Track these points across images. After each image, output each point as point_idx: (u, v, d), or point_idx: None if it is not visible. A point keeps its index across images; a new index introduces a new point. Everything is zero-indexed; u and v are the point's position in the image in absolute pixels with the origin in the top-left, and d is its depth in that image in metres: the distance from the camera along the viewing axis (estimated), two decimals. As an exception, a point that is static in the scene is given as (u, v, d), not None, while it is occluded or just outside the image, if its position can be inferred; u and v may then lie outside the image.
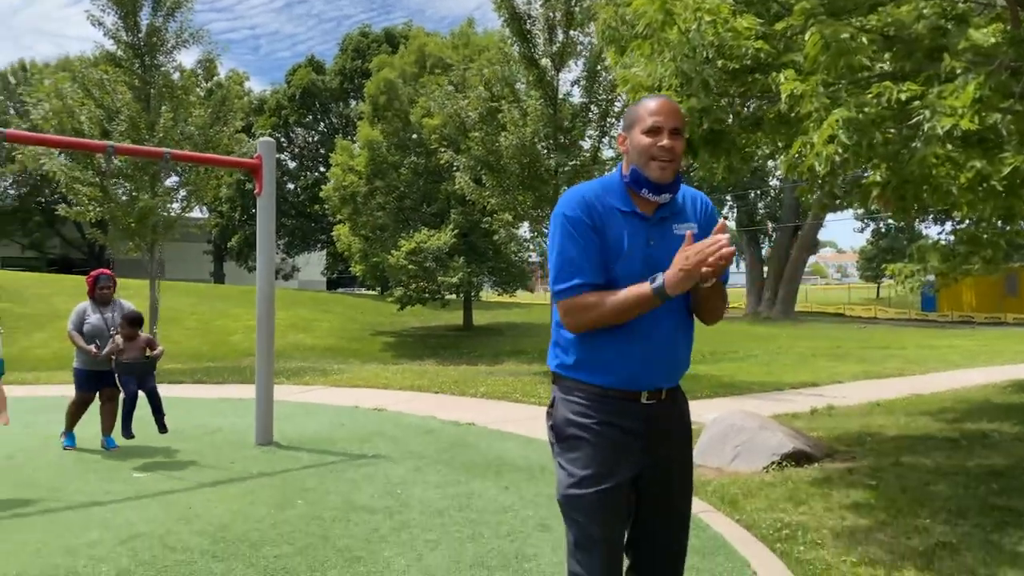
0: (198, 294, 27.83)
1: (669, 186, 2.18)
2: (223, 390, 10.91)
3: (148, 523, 4.58)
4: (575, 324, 2.20)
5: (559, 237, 2.21)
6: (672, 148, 2.14)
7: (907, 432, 7.32)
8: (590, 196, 2.21)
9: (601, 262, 2.17)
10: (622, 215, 2.19)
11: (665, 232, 2.22)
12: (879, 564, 3.86)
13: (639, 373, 2.20)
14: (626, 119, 2.28)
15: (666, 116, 2.17)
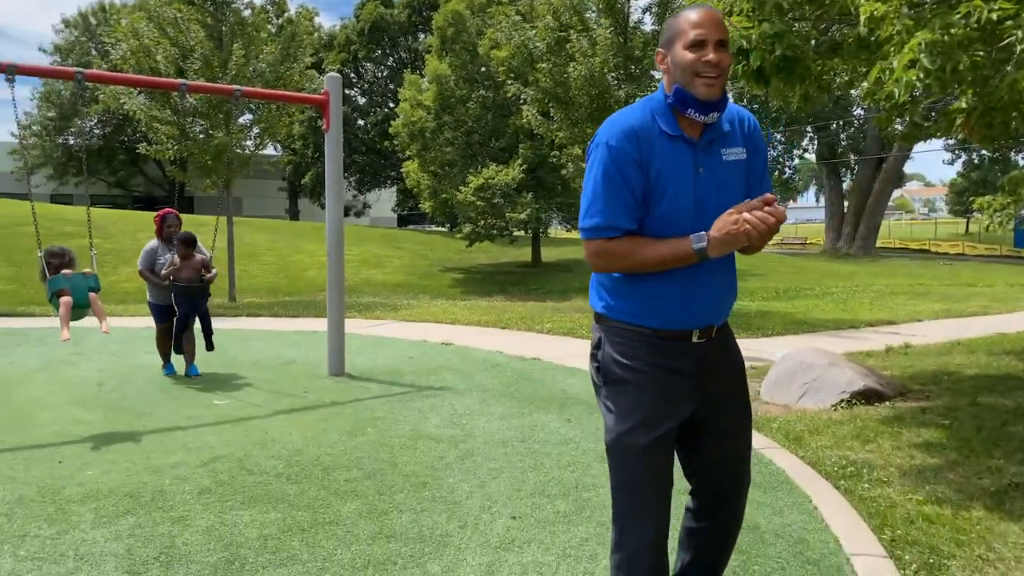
0: (275, 230, 28.56)
1: (717, 104, 2.03)
2: (298, 323, 11.28)
3: (227, 447, 4.83)
4: (601, 267, 2.13)
5: (598, 170, 2.07)
6: (719, 62, 1.99)
7: (987, 372, 7.06)
8: (636, 124, 2.06)
9: (638, 205, 2.06)
10: (669, 140, 2.05)
11: (713, 158, 2.10)
12: (946, 503, 3.79)
13: (689, 312, 2.13)
14: (665, 34, 2.10)
15: (710, 28, 2.00)
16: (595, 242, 2.08)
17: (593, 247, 2.09)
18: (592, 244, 2.09)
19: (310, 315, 12.08)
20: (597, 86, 12.21)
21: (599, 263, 2.11)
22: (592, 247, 2.09)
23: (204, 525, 3.56)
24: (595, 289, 2.26)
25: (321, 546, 3.34)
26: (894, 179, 34.79)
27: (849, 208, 35.14)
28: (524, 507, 3.80)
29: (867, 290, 17.80)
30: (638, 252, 2.03)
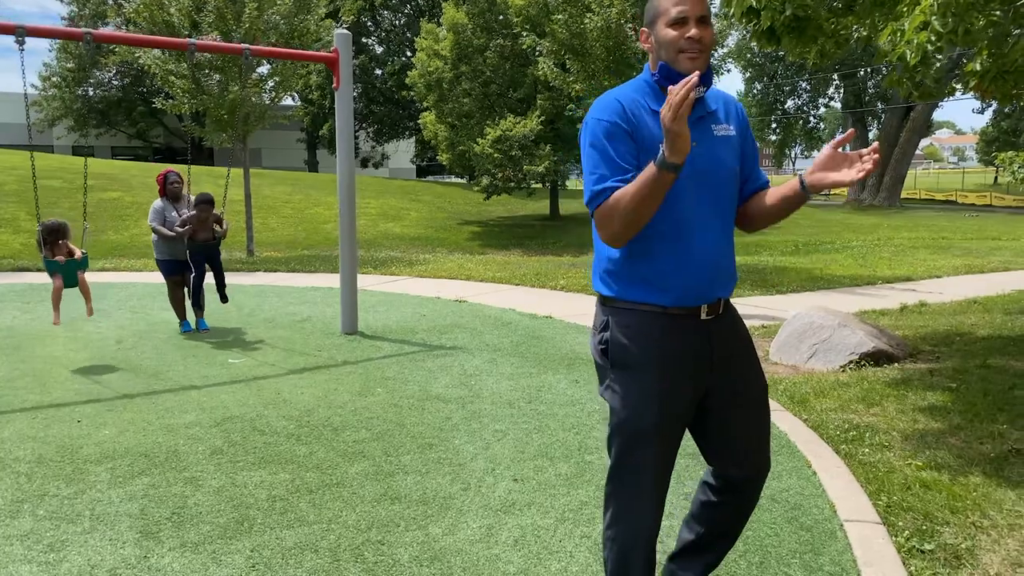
0: (293, 182, 28.61)
1: (703, 78, 2.03)
2: (314, 279, 11.38)
3: (240, 407, 4.95)
4: (609, 235, 2.06)
5: (589, 144, 2.08)
6: (701, 38, 2.01)
7: (1002, 332, 7.02)
8: (623, 99, 2.07)
9: (632, 171, 2.03)
10: (656, 115, 2.05)
11: (705, 133, 2.11)
12: (945, 468, 3.82)
13: (696, 284, 2.11)
14: (648, 13, 2.13)
15: (691, 4, 2.02)
16: (598, 209, 2.05)
17: (598, 215, 2.06)
18: (597, 212, 2.06)
19: (326, 270, 12.18)
20: (614, 37, 11.99)
21: (604, 228, 2.05)
22: (597, 215, 2.06)
23: (216, 486, 3.68)
24: (598, 273, 2.24)
25: (327, 507, 3.44)
26: (921, 128, 34.03)
27: (874, 158, 34.49)
28: (527, 470, 3.88)
29: (888, 244, 17.60)
30: (622, 198, 1.97)
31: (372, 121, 41.81)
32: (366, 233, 20.83)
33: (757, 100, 38.38)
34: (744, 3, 4.18)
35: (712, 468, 2.38)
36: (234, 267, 12.91)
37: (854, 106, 35.26)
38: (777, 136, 39.10)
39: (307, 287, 10.44)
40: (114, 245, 16.81)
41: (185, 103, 14.03)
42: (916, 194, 39.67)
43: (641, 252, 2.11)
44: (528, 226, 25.55)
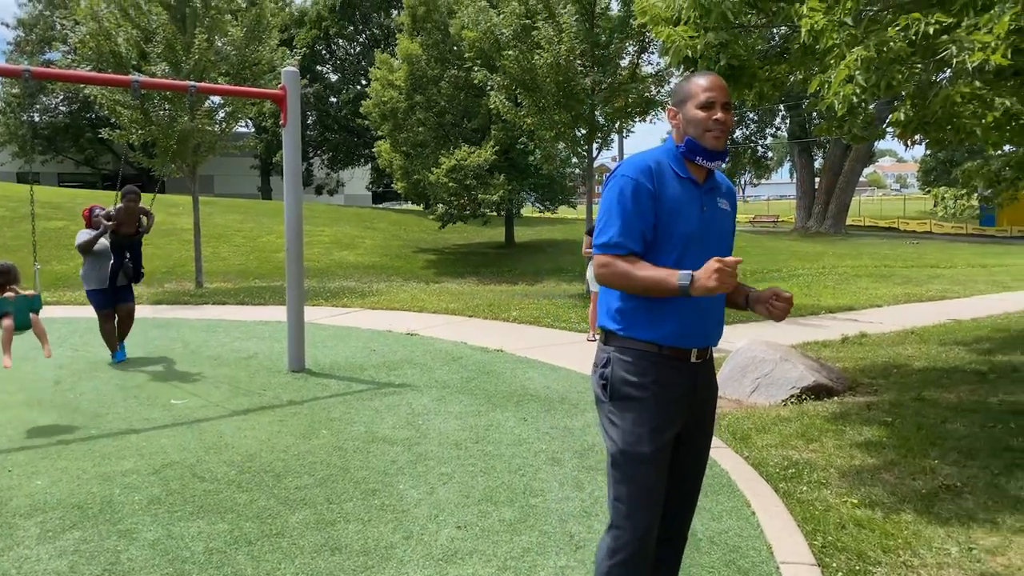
0: (245, 210, 28.28)
1: (722, 154, 2.40)
2: (264, 312, 11.25)
3: (180, 452, 4.85)
4: (603, 279, 2.37)
5: (617, 195, 2.36)
6: (725, 120, 2.37)
7: (936, 364, 7.25)
8: (653, 163, 2.39)
9: (646, 231, 2.34)
10: (680, 180, 2.40)
11: (713, 201, 2.47)
12: (879, 506, 3.92)
13: (690, 331, 2.39)
14: (677, 94, 2.47)
15: (719, 91, 2.38)
16: (604, 256, 2.36)
17: (602, 259, 2.36)
18: (601, 257, 2.37)
19: (276, 303, 12.04)
20: (563, 73, 12.18)
21: (603, 273, 2.36)
22: (601, 259, 2.37)
23: (151, 538, 3.60)
24: (605, 309, 2.49)
25: (266, 559, 3.39)
26: (864, 157, 35.09)
27: (820, 187, 35.44)
28: (470, 515, 3.87)
29: (832, 272, 18.06)
30: (633, 273, 2.30)
31: (327, 148, 41.64)
32: (319, 262, 20.66)
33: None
34: (680, 53, 4.31)
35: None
36: (182, 300, 12.70)
37: (800, 136, 36.22)
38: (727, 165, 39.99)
39: (255, 321, 10.31)
40: (57, 276, 16.40)
41: (133, 133, 13.81)
42: (861, 221, 40.78)
43: (648, 297, 2.38)
44: (483, 254, 25.61)
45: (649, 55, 13.39)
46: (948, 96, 3.81)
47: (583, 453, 4.83)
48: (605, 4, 13.29)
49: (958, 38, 3.82)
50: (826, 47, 4.05)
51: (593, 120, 13.12)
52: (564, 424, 5.47)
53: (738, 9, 4.35)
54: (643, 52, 13.40)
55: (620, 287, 2.36)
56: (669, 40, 4.33)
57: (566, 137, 13.54)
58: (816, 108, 4.23)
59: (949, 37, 3.88)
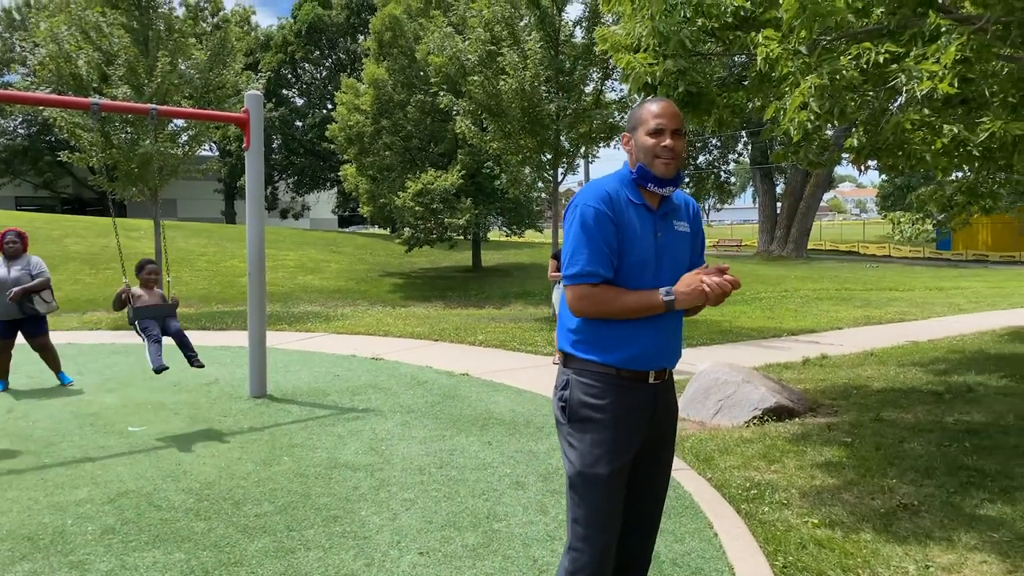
0: (208, 234, 27.96)
1: (672, 180, 2.43)
2: (226, 337, 11.09)
3: (137, 480, 4.75)
4: (581, 311, 2.38)
5: (579, 225, 2.37)
6: (674, 147, 2.39)
7: (894, 384, 7.37)
8: (611, 190, 2.41)
9: (612, 255, 2.36)
10: (634, 206, 2.42)
11: (668, 226, 2.49)
12: (839, 526, 3.97)
13: (648, 353, 2.41)
14: (630, 121, 2.50)
15: (668, 118, 2.40)
16: (579, 287, 2.36)
17: (577, 291, 2.37)
18: (576, 289, 2.37)
19: (239, 327, 11.89)
20: (528, 99, 12.30)
21: (581, 305, 2.37)
22: (576, 291, 2.37)
23: (104, 569, 3.51)
24: (563, 332, 2.50)
25: (223, 589, 3.32)
26: (824, 183, 35.81)
27: (782, 211, 36.05)
28: (433, 541, 3.83)
29: (794, 295, 18.34)
30: (616, 300, 2.33)
31: (292, 172, 41.46)
32: (283, 286, 20.46)
33: (671, 155, 39.74)
34: (640, 80, 4.39)
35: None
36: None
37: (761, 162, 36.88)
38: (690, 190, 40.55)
39: (217, 346, 10.16)
40: (13, 302, 16.01)
41: (93, 156, 13.61)
42: (822, 245, 41.53)
43: (605, 321, 2.40)
44: (450, 278, 25.58)
45: (613, 81, 13.59)
46: (899, 123, 3.92)
47: (547, 476, 4.81)
48: (569, 32, 13.48)
49: (907, 67, 3.94)
50: (781, 75, 4.15)
51: (558, 145, 13.25)
52: (529, 448, 5.46)
53: (696, 37, 4.44)
54: (607, 79, 13.59)
55: (597, 314, 2.37)
56: (629, 67, 4.41)
57: (532, 161, 13.64)
58: (773, 134, 4.32)
59: (899, 66, 4.01)
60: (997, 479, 4.56)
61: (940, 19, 4.26)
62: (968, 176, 7.78)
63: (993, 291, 18.98)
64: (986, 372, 7.81)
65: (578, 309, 2.38)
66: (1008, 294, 18.03)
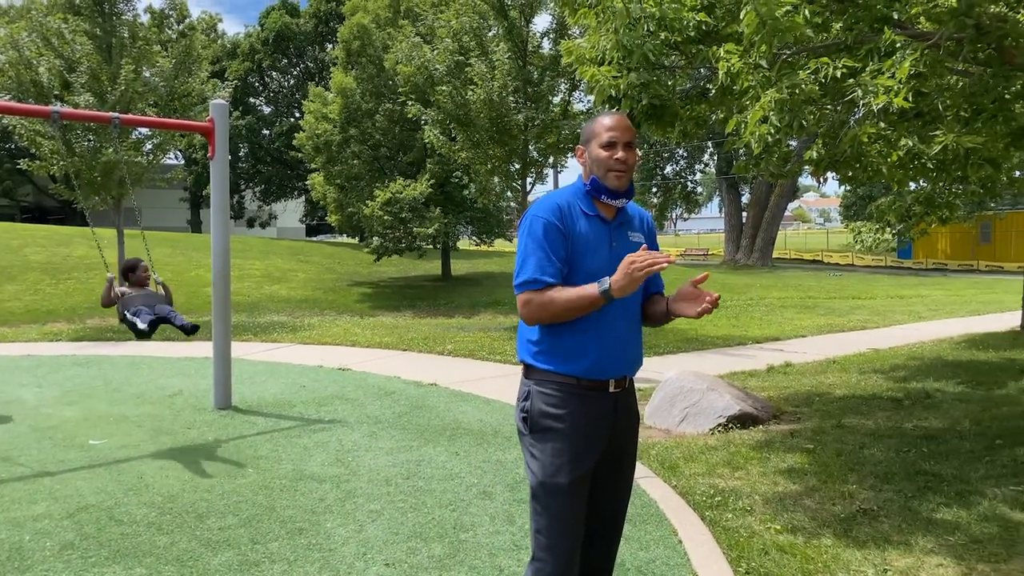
0: (173, 244, 27.58)
1: (624, 193, 2.47)
2: (191, 348, 10.95)
3: (97, 494, 4.67)
4: (529, 317, 2.41)
5: (529, 237, 2.42)
6: (626, 160, 2.43)
7: (856, 391, 7.51)
8: (562, 202, 2.45)
9: (561, 266, 2.39)
10: (588, 218, 2.46)
11: (623, 236, 2.53)
12: (800, 531, 4.03)
13: (607, 362, 2.44)
14: (584, 134, 2.53)
15: (620, 131, 2.44)
16: (524, 294, 2.40)
17: (523, 298, 2.40)
18: (522, 296, 2.41)
19: (204, 338, 11.72)
20: (497, 109, 12.35)
21: (527, 311, 2.40)
22: (522, 298, 2.41)
23: (62, 586, 3.44)
24: (523, 343, 2.53)
25: (185, 604, 3.28)
26: (789, 193, 36.42)
27: (747, 221, 36.56)
28: (399, 552, 3.82)
29: (760, 303, 18.58)
30: (555, 298, 2.35)
31: (259, 181, 41.10)
32: (249, 296, 20.25)
33: (638, 166, 40.21)
34: (604, 92, 4.44)
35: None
36: (105, 337, 12.26)
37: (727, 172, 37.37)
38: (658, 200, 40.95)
39: (182, 357, 10.02)
40: (-30, 313, 15.65)
41: (54, 165, 13.39)
42: (787, 254, 42.15)
43: (563, 331, 2.43)
44: (419, 287, 25.51)
45: (580, 93, 13.69)
46: (856, 136, 4.01)
47: (515, 486, 4.82)
48: (537, 43, 13.57)
49: (864, 82, 4.04)
50: (743, 88, 4.23)
51: (527, 155, 13.32)
52: (496, 457, 5.47)
53: (659, 51, 4.50)
54: (574, 90, 13.70)
55: (545, 318, 2.39)
56: (593, 80, 4.46)
57: (501, 171, 13.69)
58: (735, 147, 4.40)
59: (856, 80, 4.11)
60: (953, 483, 4.67)
61: (895, 35, 4.37)
62: (925, 187, 7.96)
63: (952, 299, 19.41)
64: (944, 378, 7.99)
65: (525, 315, 2.41)
66: (966, 302, 18.45)
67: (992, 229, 34.63)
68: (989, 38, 4.29)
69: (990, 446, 5.44)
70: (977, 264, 33.91)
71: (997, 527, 3.99)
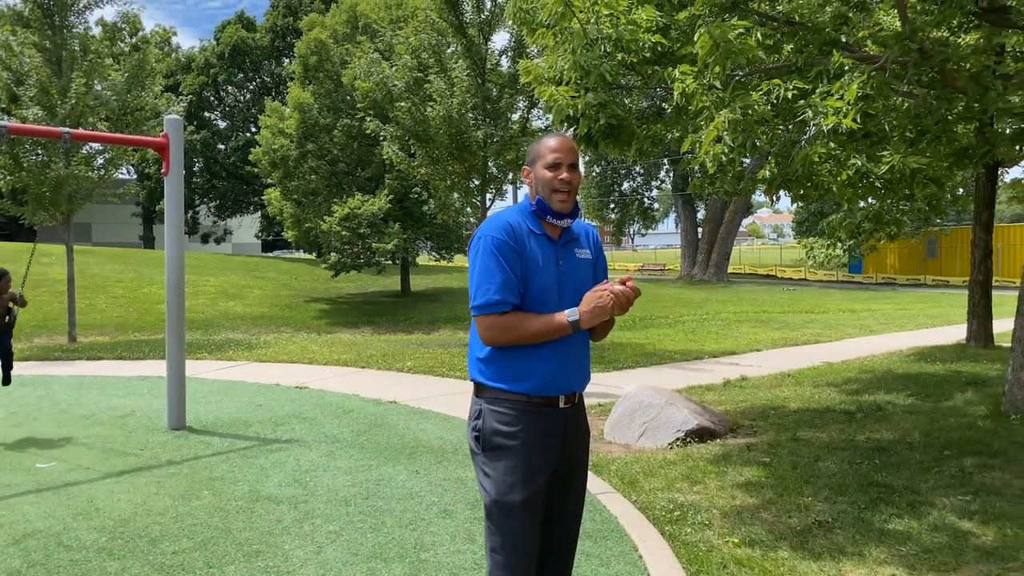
0: (125, 260, 27.03)
1: (569, 213, 2.51)
2: (143, 367, 10.72)
3: (45, 519, 4.53)
4: (492, 340, 2.41)
5: (483, 257, 2.42)
6: (570, 181, 2.47)
7: (810, 404, 7.65)
8: (512, 221, 2.48)
9: (518, 284, 2.41)
10: (536, 236, 2.49)
11: (570, 254, 2.56)
12: (758, 544, 4.08)
13: (558, 379, 2.46)
14: (529, 155, 2.58)
15: (565, 153, 2.48)
16: (488, 317, 2.39)
17: (486, 322, 2.40)
18: (485, 319, 2.40)
19: (157, 356, 11.50)
20: (456, 126, 12.39)
21: (491, 335, 2.40)
22: (485, 322, 2.40)
23: (8, 616, 3.33)
24: (473, 362, 2.53)
25: (137, 632, 3.20)
26: (743, 209, 37.09)
27: (703, 236, 37.12)
28: (359, 573, 3.78)
29: (715, 318, 18.84)
30: (523, 325, 2.37)
31: (214, 196, 40.51)
32: (204, 313, 19.90)
33: (596, 182, 40.58)
34: (562, 112, 4.50)
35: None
36: (53, 356, 11.94)
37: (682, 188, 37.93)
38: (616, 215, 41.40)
39: (134, 376, 9.80)
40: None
41: (1, 180, 13.04)
42: (741, 269, 42.86)
43: (514, 349, 2.44)
44: (379, 303, 25.35)
45: (539, 110, 13.80)
46: (807, 156, 4.12)
47: (476, 504, 4.81)
48: (495, 61, 13.66)
49: (813, 103, 4.16)
50: (697, 109, 4.32)
51: (487, 171, 13.37)
52: (457, 475, 5.44)
53: (616, 71, 4.58)
54: (533, 107, 13.81)
55: (506, 342, 2.40)
56: (552, 99, 4.51)
57: (460, 187, 13.71)
58: (690, 165, 4.48)
59: (806, 102, 4.22)
60: (904, 494, 4.78)
61: (844, 57, 4.51)
62: (874, 205, 8.18)
63: (901, 313, 19.91)
64: (894, 391, 8.19)
65: (488, 338, 2.41)
66: (914, 315, 18.95)
67: (938, 244, 35.68)
68: (932, 62, 4.45)
69: (939, 457, 5.58)
70: (924, 278, 34.87)
71: (947, 536, 4.10)
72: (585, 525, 4.19)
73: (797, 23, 5.15)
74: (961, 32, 5.55)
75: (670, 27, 4.88)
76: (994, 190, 11.25)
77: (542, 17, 4.83)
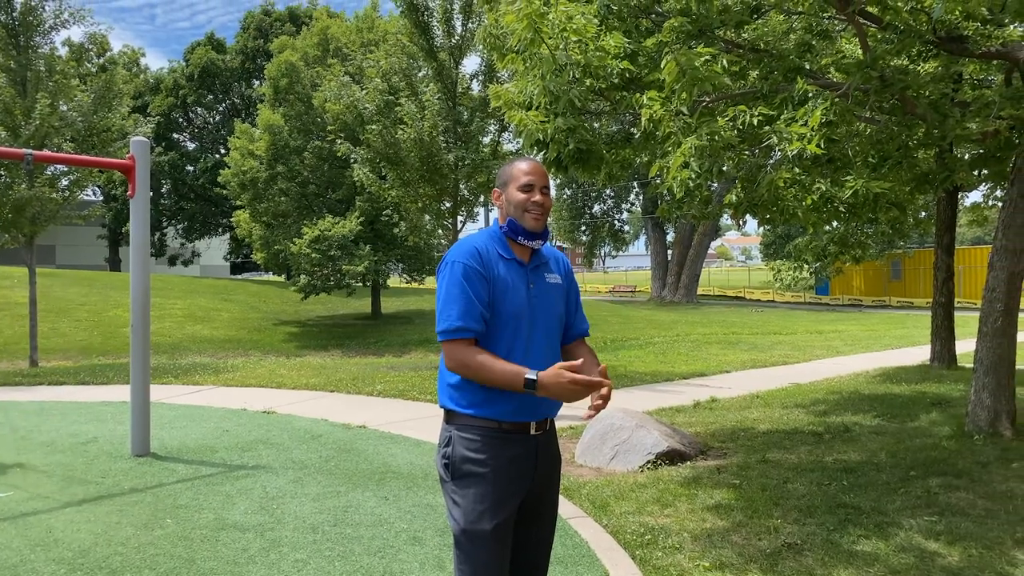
0: (89, 283, 26.58)
1: (541, 234, 2.54)
2: (107, 392, 10.50)
3: (1, 551, 4.39)
4: (455, 367, 2.39)
5: (449, 282, 2.42)
6: (543, 203, 2.50)
7: (779, 426, 7.71)
8: (480, 246, 2.49)
9: (484, 310, 2.39)
10: (505, 261, 2.50)
11: (540, 278, 2.57)
12: (728, 567, 4.08)
13: (527, 405, 2.44)
14: (501, 177, 2.60)
15: (537, 176, 2.52)
16: (451, 344, 2.38)
17: (448, 348, 2.38)
18: (449, 346, 2.39)
19: (122, 381, 11.27)
20: (427, 149, 12.41)
21: (453, 365, 2.39)
22: (448, 348, 2.39)
23: (-41, 654, 3.21)
24: (443, 388, 2.51)
25: (96, 668, 3.10)
26: (711, 232, 37.52)
27: (673, 258, 37.48)
28: (326, 603, 3.71)
29: (686, 339, 18.97)
30: (485, 367, 2.32)
31: (182, 217, 40.09)
32: (170, 337, 19.60)
33: (567, 205, 40.87)
34: (532, 136, 4.53)
35: None
36: (12, 381, 11.66)
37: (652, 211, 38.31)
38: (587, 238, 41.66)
39: (97, 402, 9.60)
40: None
41: (-40, 201, 12.79)
42: (711, 290, 43.28)
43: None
44: (349, 325, 25.15)
45: (509, 134, 13.89)
46: (772, 181, 4.18)
47: (446, 531, 4.75)
48: (466, 85, 13.73)
49: (778, 129, 4.23)
50: (664, 134, 4.37)
51: (458, 193, 13.39)
52: (427, 501, 5.39)
53: (585, 97, 4.62)
54: (504, 131, 13.89)
55: (465, 373, 2.38)
56: (522, 124, 4.54)
57: (431, 210, 13.71)
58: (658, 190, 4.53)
59: (771, 128, 4.29)
60: (872, 515, 4.82)
61: (808, 84, 4.61)
62: (839, 228, 8.32)
63: (867, 334, 20.20)
64: (861, 412, 8.28)
65: (451, 364, 2.39)
66: (880, 336, 19.23)
67: (902, 266, 36.33)
68: (892, 89, 4.56)
69: (905, 477, 5.65)
70: (889, 300, 35.45)
71: (913, 557, 4.13)
72: (556, 550, 4.16)
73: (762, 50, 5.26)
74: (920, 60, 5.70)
75: (638, 54, 4.94)
76: (955, 214, 11.52)
77: (512, 43, 4.87)
